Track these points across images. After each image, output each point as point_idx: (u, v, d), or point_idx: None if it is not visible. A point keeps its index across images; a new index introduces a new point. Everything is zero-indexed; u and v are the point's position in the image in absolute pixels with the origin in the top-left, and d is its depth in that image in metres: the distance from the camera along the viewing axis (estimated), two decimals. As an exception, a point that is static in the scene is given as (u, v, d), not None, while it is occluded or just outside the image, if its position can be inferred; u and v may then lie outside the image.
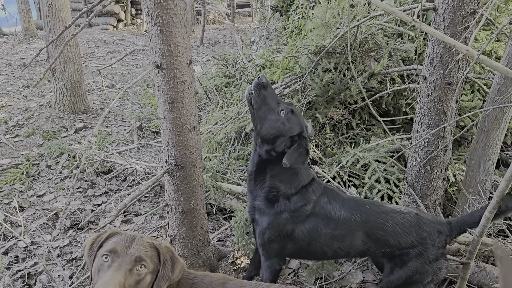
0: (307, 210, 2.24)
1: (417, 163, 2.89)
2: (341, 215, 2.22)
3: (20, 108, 6.17)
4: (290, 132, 2.16)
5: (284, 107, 2.20)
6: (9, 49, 10.38)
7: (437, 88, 2.63)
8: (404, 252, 2.19)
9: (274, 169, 2.22)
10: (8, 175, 4.31)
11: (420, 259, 2.16)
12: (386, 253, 2.24)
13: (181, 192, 2.56)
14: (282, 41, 5.24)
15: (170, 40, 2.15)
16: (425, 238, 2.17)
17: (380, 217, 2.22)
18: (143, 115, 5.56)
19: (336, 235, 2.22)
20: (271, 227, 2.27)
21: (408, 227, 2.18)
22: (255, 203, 2.34)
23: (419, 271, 2.17)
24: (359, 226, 2.21)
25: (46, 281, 2.96)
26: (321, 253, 2.31)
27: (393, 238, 2.18)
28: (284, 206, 2.24)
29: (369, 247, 2.24)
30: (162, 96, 2.29)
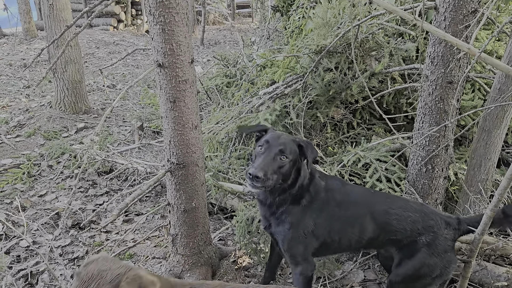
0: (323, 198, 2.28)
1: (418, 162, 2.89)
2: (350, 199, 2.29)
3: (21, 108, 6.17)
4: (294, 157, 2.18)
5: (275, 154, 2.14)
6: (10, 49, 10.39)
7: (438, 87, 2.63)
8: (411, 241, 2.20)
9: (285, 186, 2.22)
10: (10, 175, 4.32)
11: (428, 250, 2.17)
12: (394, 242, 2.26)
13: (183, 191, 2.56)
14: (282, 41, 5.25)
15: (172, 39, 2.15)
16: (432, 226, 2.18)
17: (385, 202, 2.28)
18: (144, 115, 5.56)
19: (348, 219, 2.26)
20: (294, 226, 2.26)
21: (413, 212, 2.21)
22: (272, 218, 2.33)
23: (427, 263, 2.17)
24: (367, 209, 2.25)
25: (48, 280, 2.97)
26: (338, 243, 2.32)
27: (398, 222, 2.20)
28: (309, 197, 2.27)
29: (378, 233, 2.25)
30: (164, 95, 2.30)
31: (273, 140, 2.18)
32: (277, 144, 2.15)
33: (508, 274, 2.57)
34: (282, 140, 2.17)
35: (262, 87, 3.92)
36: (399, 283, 2.25)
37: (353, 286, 2.88)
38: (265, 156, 2.12)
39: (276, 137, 2.20)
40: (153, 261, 3.11)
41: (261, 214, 2.43)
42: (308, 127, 3.59)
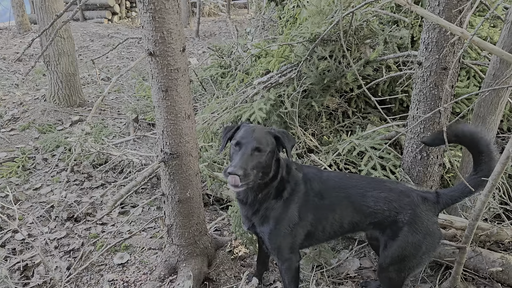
0: (302, 188, 2.27)
1: (413, 150, 2.89)
2: (328, 186, 2.28)
3: (15, 102, 6.12)
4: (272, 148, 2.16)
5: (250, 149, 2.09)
6: (3, 43, 10.28)
7: (432, 74, 2.62)
8: (392, 222, 2.20)
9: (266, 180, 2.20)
10: (4, 168, 4.29)
11: (410, 227, 2.17)
12: (376, 224, 2.26)
13: (177, 181, 2.54)
14: (277, 31, 5.21)
15: (163, 27, 2.12)
16: (409, 204, 2.18)
17: (361, 185, 2.28)
18: (139, 107, 5.53)
19: (328, 206, 2.26)
20: (279, 221, 2.25)
21: (388, 192, 2.22)
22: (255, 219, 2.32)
23: (411, 241, 2.16)
24: (344, 194, 2.26)
25: (44, 272, 2.96)
26: (322, 232, 2.33)
27: (375, 203, 2.21)
28: (290, 189, 2.26)
29: (358, 217, 2.26)
30: (156, 84, 2.28)
31: (248, 135, 2.13)
32: (252, 138, 2.10)
33: (503, 259, 2.58)
34: (257, 134, 2.13)
35: (256, 77, 3.89)
36: (389, 265, 2.26)
37: (349, 274, 2.89)
38: (242, 153, 2.05)
39: (250, 131, 2.16)
40: (148, 252, 3.10)
41: (242, 214, 2.40)
42: (303, 116, 3.58)
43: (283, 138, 2.17)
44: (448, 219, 2.69)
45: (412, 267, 2.26)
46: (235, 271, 2.88)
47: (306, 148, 3.37)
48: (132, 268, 2.95)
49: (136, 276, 2.86)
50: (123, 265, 3.00)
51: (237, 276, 2.84)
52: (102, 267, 3.00)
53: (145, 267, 2.94)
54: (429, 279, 2.77)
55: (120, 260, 3.03)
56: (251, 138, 2.10)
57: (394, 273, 2.27)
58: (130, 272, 2.91)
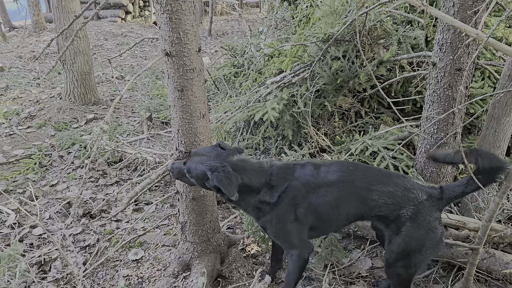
0: (290, 193, 2.26)
1: (427, 150, 2.89)
2: (328, 181, 2.25)
3: (31, 100, 6.24)
4: (204, 181, 2.21)
5: (185, 168, 2.28)
6: (19, 42, 10.48)
7: (446, 74, 2.62)
8: (396, 216, 2.21)
9: (233, 201, 2.27)
10: (22, 165, 4.39)
11: (413, 223, 2.17)
12: (381, 218, 2.26)
13: (192, 179, 2.58)
14: (290, 31, 5.23)
15: (179, 28, 2.16)
16: (412, 199, 2.18)
17: (366, 178, 2.26)
18: (152, 106, 5.59)
19: (330, 202, 2.25)
20: (274, 222, 2.31)
21: (394, 186, 2.21)
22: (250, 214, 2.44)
23: (414, 236, 2.18)
24: (347, 188, 2.24)
25: (61, 267, 3.03)
26: (328, 225, 2.37)
27: (380, 197, 2.20)
28: (267, 207, 2.28)
29: (363, 210, 2.27)
30: (172, 84, 2.32)
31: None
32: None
33: (517, 261, 2.56)
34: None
35: (269, 77, 3.91)
36: (394, 260, 2.27)
37: (361, 273, 2.90)
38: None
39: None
40: (162, 248, 3.15)
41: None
42: (316, 116, 3.59)
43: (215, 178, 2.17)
44: (461, 220, 2.69)
45: (418, 263, 2.27)
46: (248, 269, 2.91)
47: (319, 147, 3.38)
48: (146, 264, 3.01)
49: (150, 272, 2.91)
50: (138, 261, 3.05)
51: (250, 274, 2.87)
52: (117, 263, 3.06)
53: (159, 263, 2.99)
54: (441, 279, 2.77)
55: (134, 256, 3.08)
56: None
57: (401, 269, 2.29)
58: (145, 268, 2.97)
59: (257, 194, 2.26)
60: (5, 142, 4.96)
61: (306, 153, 3.28)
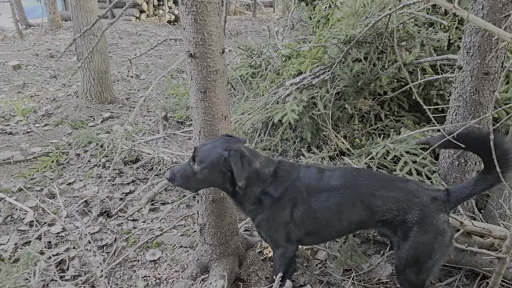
0: (292, 191, 2.26)
1: (451, 155, 2.83)
2: (330, 186, 2.24)
3: (48, 98, 6.29)
4: (216, 167, 2.21)
5: (191, 159, 2.24)
6: (35, 40, 10.58)
7: (473, 78, 2.56)
8: (401, 221, 2.17)
9: (240, 188, 2.27)
10: (39, 163, 4.42)
11: (419, 227, 2.14)
12: (385, 223, 2.23)
13: (212, 181, 2.56)
14: (308, 31, 5.19)
15: (204, 29, 2.14)
16: (417, 204, 2.14)
17: (369, 183, 2.23)
18: (168, 105, 5.60)
19: (332, 207, 2.23)
20: (269, 221, 2.32)
21: (397, 191, 2.18)
22: (250, 215, 2.43)
23: (422, 241, 2.14)
24: (350, 194, 2.22)
25: (79, 266, 3.03)
26: (328, 229, 2.33)
27: (383, 202, 2.17)
28: (270, 200, 2.29)
29: (366, 216, 2.23)
30: (194, 85, 2.30)
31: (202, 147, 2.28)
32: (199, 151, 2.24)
33: (544, 271, 2.50)
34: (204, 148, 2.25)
35: (288, 78, 3.88)
36: (405, 267, 2.24)
37: (381, 279, 2.86)
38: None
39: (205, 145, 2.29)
40: (180, 250, 3.14)
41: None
42: (335, 119, 3.55)
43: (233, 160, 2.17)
44: (486, 228, 2.62)
45: (429, 268, 2.23)
46: (266, 272, 2.88)
47: (338, 150, 3.34)
48: (164, 265, 3.00)
49: (168, 273, 2.90)
50: (155, 262, 3.05)
51: (268, 277, 2.84)
52: (134, 263, 3.05)
53: (176, 265, 2.98)
54: (464, 288, 2.72)
55: (152, 257, 3.07)
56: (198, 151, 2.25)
57: (412, 275, 2.25)
58: (162, 269, 2.96)
59: (262, 184, 2.27)
60: (23, 139, 5.00)
61: (326, 156, 3.24)
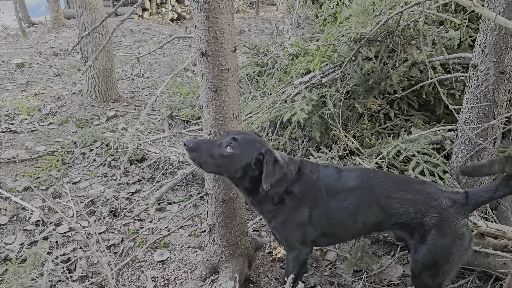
0: (314, 192, 2.23)
1: (463, 155, 2.79)
2: (349, 186, 2.22)
3: (52, 96, 6.26)
4: (246, 158, 2.14)
5: (225, 142, 2.15)
6: (39, 38, 10.55)
7: (488, 77, 2.52)
8: (419, 223, 2.14)
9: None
10: (44, 162, 4.39)
11: (438, 231, 2.10)
12: (401, 225, 2.20)
13: (222, 181, 2.53)
14: (314, 30, 5.14)
15: (216, 27, 2.10)
16: (436, 207, 2.10)
17: (386, 185, 2.20)
18: (173, 104, 5.56)
19: (348, 208, 2.20)
20: (287, 222, 2.28)
21: (415, 194, 2.14)
22: (267, 215, 2.37)
23: (440, 245, 2.10)
24: (367, 195, 2.19)
25: (86, 266, 3.01)
26: (343, 230, 2.30)
27: (400, 205, 2.14)
28: (292, 199, 2.25)
29: (382, 218, 2.20)
30: (205, 84, 2.26)
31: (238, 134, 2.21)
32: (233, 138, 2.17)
33: (559, 273, 2.46)
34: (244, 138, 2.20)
35: (296, 77, 3.84)
36: (421, 270, 2.20)
37: (392, 281, 2.82)
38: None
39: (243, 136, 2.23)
40: (188, 250, 3.10)
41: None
42: (344, 118, 3.51)
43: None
44: (500, 229, 2.58)
45: (447, 272, 2.19)
46: (276, 273, 2.85)
47: (348, 150, 3.30)
48: (172, 266, 2.96)
49: (177, 274, 2.87)
50: (163, 262, 3.01)
51: (278, 279, 2.81)
52: (142, 264, 3.02)
53: (185, 265, 2.95)
54: (477, 290, 2.68)
55: (160, 257, 3.04)
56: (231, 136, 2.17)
57: (428, 279, 2.21)
58: (170, 270, 2.92)
59: (286, 184, 2.23)
60: (27, 138, 4.97)
61: (336, 155, 3.21)
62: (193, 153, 2.12)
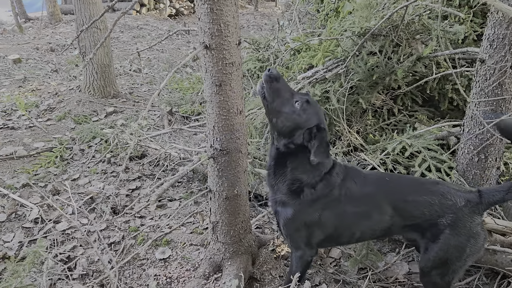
0: (334, 195, 2.19)
1: (470, 151, 2.75)
2: (365, 191, 2.19)
3: (50, 92, 6.18)
4: (307, 124, 2.10)
5: (299, 97, 2.13)
6: (35, 33, 10.44)
7: (496, 72, 2.48)
8: (432, 224, 2.10)
9: (295, 161, 2.17)
10: (43, 158, 4.33)
11: (452, 230, 2.07)
12: (414, 227, 2.16)
13: (225, 178, 2.48)
14: (316, 24, 5.08)
15: (220, 19, 2.05)
16: (451, 207, 2.07)
17: (401, 188, 2.19)
18: (172, 100, 5.50)
19: (362, 213, 2.18)
20: (296, 218, 2.22)
21: (429, 195, 2.11)
22: (276, 197, 2.29)
23: (453, 244, 2.07)
24: (383, 199, 2.16)
25: (86, 264, 2.95)
26: (348, 236, 2.28)
27: (415, 208, 2.11)
28: (310, 195, 2.19)
29: (394, 221, 2.16)
30: (209, 78, 2.20)
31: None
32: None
33: None
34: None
35: (299, 72, 3.79)
36: (431, 269, 2.17)
37: (398, 278, 2.79)
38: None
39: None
40: (190, 248, 3.06)
41: (270, 198, 2.39)
42: (348, 113, 3.46)
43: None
44: (508, 226, 2.55)
45: (456, 270, 2.17)
46: (280, 271, 2.81)
47: (352, 146, 3.26)
48: (174, 264, 2.92)
49: (179, 272, 2.82)
50: (165, 260, 2.97)
51: (282, 276, 2.77)
52: (143, 262, 2.97)
53: (187, 263, 2.90)
54: (484, 287, 2.64)
55: (162, 255, 2.99)
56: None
57: (437, 277, 2.18)
58: (173, 268, 2.88)
59: (313, 177, 2.16)
60: (25, 134, 4.90)
61: (340, 151, 3.16)
62: (269, 87, 2.12)
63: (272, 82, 2.13)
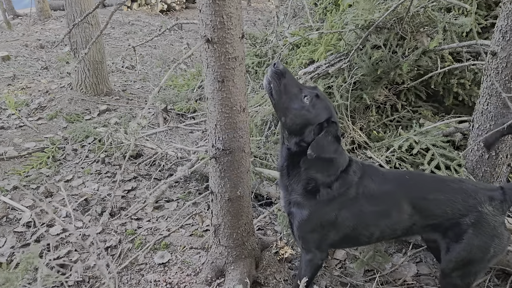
0: (351, 194, 2.09)
1: (480, 148, 2.66)
2: (383, 189, 2.09)
3: (41, 90, 6.00)
4: (317, 119, 2.00)
5: (307, 92, 2.03)
6: (24, 30, 10.19)
7: (509, 65, 2.38)
8: (454, 223, 2.02)
9: (308, 161, 2.03)
10: (34, 159, 4.17)
11: (475, 230, 1.98)
12: (435, 227, 2.07)
13: (228, 178, 2.36)
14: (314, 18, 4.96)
15: (223, 11, 1.92)
16: (475, 206, 1.98)
17: (422, 187, 2.09)
18: (167, 97, 5.36)
19: (382, 211, 2.08)
20: (312, 218, 2.12)
21: (452, 193, 2.02)
22: (291, 198, 2.18)
23: (477, 244, 1.99)
24: (402, 197, 2.06)
25: (82, 270, 2.82)
26: (368, 236, 2.17)
27: (437, 207, 2.02)
28: (327, 195, 2.09)
29: (415, 221, 2.07)
30: (211, 74, 2.08)
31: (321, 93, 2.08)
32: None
33: None
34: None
35: (299, 67, 3.67)
36: (453, 270, 2.08)
37: (406, 280, 2.70)
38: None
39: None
40: (191, 251, 2.94)
41: (281, 197, 2.28)
42: (351, 109, 3.35)
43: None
44: (521, 225, 2.46)
45: (478, 272, 2.09)
46: (284, 275, 2.71)
47: (356, 143, 3.16)
48: (174, 269, 2.80)
49: (180, 277, 2.70)
50: (165, 265, 2.85)
51: (287, 280, 2.66)
52: (142, 266, 2.85)
53: (188, 268, 2.78)
54: (495, 288, 2.57)
55: (161, 259, 2.87)
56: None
57: (458, 279, 2.09)
58: (173, 273, 2.76)
59: (328, 176, 2.07)
60: (15, 134, 4.73)
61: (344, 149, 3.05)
62: (276, 83, 2.03)
63: (279, 78, 2.02)
